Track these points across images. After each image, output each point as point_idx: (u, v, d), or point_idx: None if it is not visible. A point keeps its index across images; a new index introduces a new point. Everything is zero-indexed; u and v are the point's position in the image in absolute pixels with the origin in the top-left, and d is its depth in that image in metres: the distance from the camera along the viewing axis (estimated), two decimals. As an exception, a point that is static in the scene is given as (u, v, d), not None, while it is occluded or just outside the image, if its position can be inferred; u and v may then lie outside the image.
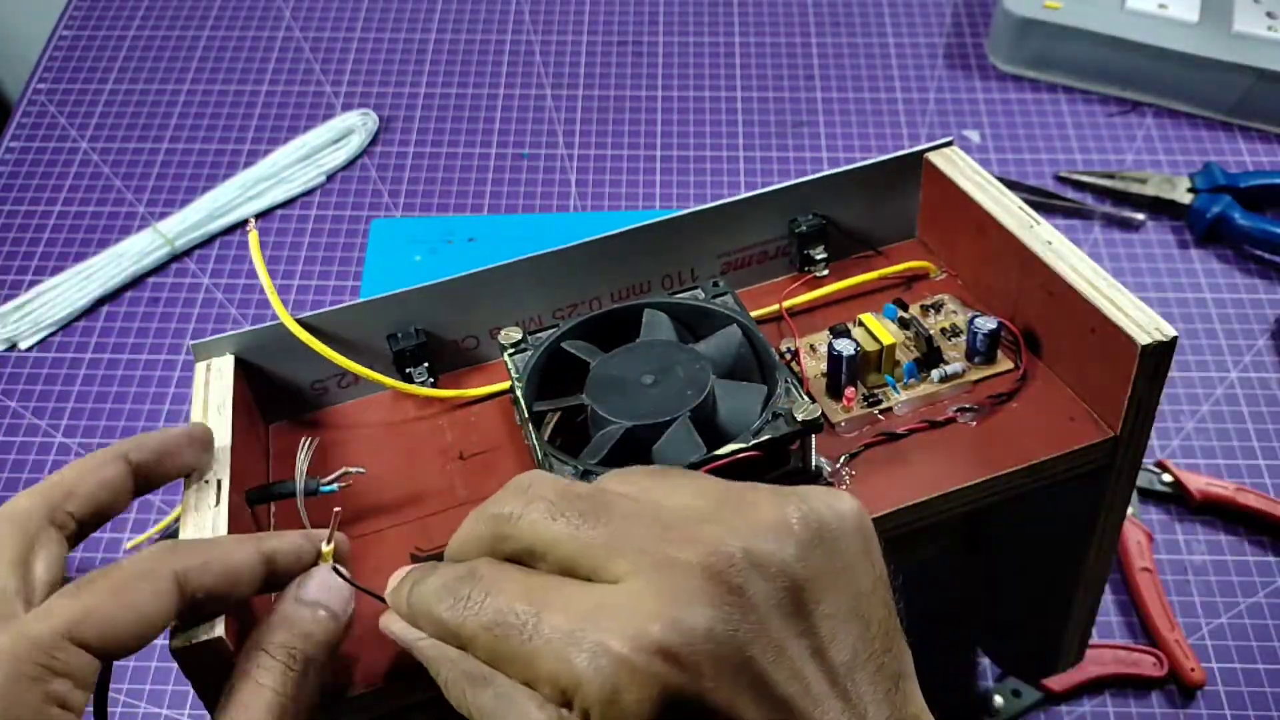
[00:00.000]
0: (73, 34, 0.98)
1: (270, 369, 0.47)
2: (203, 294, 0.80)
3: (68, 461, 0.71)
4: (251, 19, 0.99)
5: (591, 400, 0.42)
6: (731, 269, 0.51)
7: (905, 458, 0.44)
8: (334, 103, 0.92)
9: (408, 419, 0.48)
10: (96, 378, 0.75)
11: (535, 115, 0.91)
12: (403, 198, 0.85)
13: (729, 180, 0.86)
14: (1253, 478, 0.69)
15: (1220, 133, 0.88)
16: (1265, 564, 0.66)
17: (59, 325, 0.78)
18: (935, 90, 0.92)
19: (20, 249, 0.83)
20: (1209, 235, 0.81)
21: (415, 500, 0.45)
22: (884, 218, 0.52)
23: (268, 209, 0.84)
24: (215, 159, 0.88)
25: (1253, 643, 0.63)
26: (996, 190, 0.48)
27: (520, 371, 0.45)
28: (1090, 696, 0.61)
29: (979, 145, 0.88)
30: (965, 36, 0.96)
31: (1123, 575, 0.65)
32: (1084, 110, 0.90)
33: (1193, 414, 0.72)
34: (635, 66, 0.95)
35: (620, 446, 0.41)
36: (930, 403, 0.46)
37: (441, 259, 0.80)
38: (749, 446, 0.40)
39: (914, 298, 0.50)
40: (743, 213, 0.49)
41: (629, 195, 0.85)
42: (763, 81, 0.93)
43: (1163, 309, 0.77)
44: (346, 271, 0.80)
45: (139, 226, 0.83)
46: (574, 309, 0.50)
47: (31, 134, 0.90)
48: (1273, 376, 0.74)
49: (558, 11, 1.00)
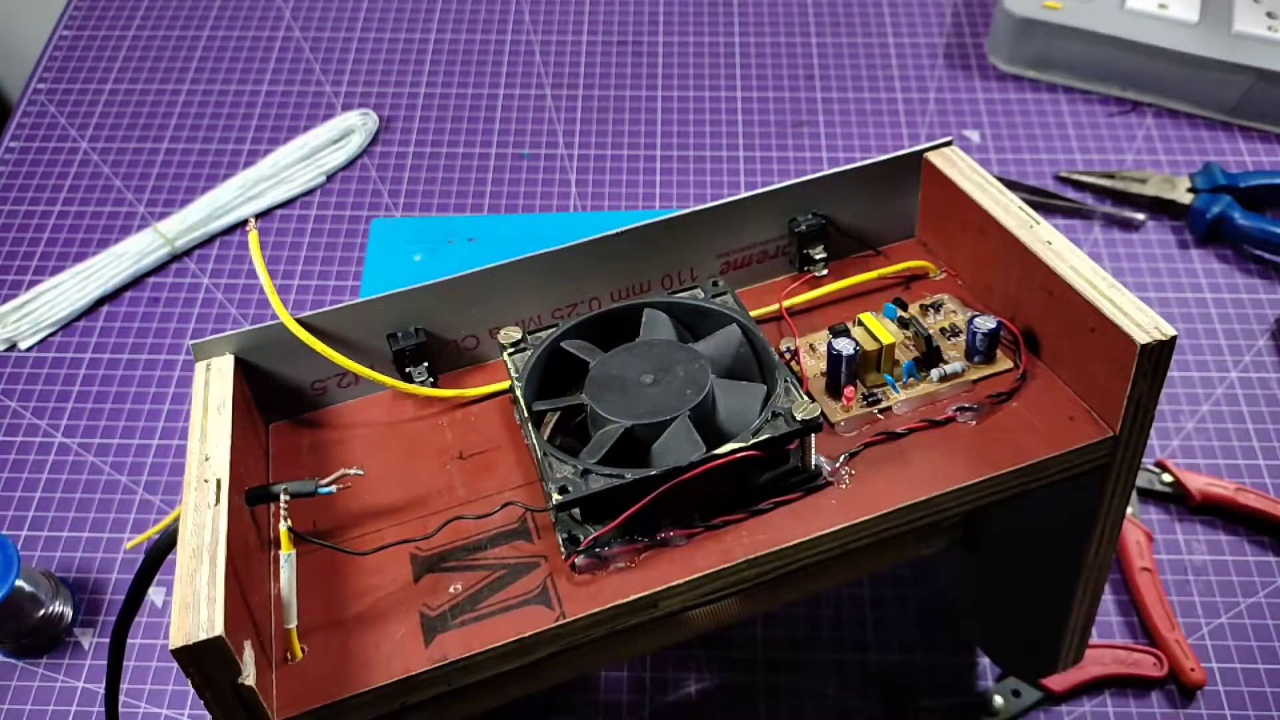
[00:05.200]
0: (73, 34, 0.98)
1: (270, 369, 0.47)
2: (203, 294, 0.80)
3: (67, 462, 0.72)
4: (251, 19, 0.99)
5: (591, 399, 0.42)
6: (731, 269, 0.51)
7: (905, 457, 0.44)
8: (334, 103, 0.92)
9: (407, 419, 0.48)
10: (96, 378, 0.75)
11: (535, 115, 0.91)
12: (403, 198, 0.85)
13: (729, 180, 0.86)
14: (1253, 478, 0.69)
15: (1220, 133, 0.88)
16: (1265, 564, 0.66)
17: (59, 325, 0.78)
18: (935, 90, 0.92)
19: (20, 249, 0.83)
20: (1209, 235, 0.81)
21: (415, 500, 0.45)
22: (883, 217, 0.52)
23: (268, 209, 0.84)
24: (215, 159, 0.88)
25: (1253, 643, 0.63)
26: (996, 190, 0.48)
27: (520, 371, 0.45)
28: (1090, 696, 0.61)
29: (979, 145, 0.88)
30: (965, 36, 0.96)
31: (1123, 575, 0.65)
32: (1084, 110, 0.90)
33: (1193, 414, 0.72)
34: (635, 66, 0.95)
35: (620, 445, 0.41)
36: (930, 402, 0.46)
37: (441, 259, 0.80)
38: (748, 446, 0.40)
39: (913, 297, 0.50)
40: (743, 213, 0.50)
41: (629, 195, 0.85)
42: (763, 81, 0.93)
43: (1163, 309, 0.77)
44: (346, 271, 0.80)
45: (139, 226, 0.83)
46: (574, 309, 0.50)
47: (31, 134, 0.90)
48: (1273, 376, 0.74)
49: (558, 11, 1.00)
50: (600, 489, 0.40)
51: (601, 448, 0.41)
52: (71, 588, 0.65)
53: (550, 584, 0.41)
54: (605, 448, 0.41)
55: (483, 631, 0.39)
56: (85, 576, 0.66)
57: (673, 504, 0.40)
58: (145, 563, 0.42)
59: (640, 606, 0.40)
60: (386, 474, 0.46)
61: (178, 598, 0.35)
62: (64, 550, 0.67)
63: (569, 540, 0.41)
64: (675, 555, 0.41)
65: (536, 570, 0.41)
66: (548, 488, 0.40)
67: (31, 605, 0.62)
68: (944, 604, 0.64)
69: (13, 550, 0.60)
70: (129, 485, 0.70)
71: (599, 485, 0.40)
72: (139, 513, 0.69)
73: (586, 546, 0.41)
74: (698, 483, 0.40)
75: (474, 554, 0.42)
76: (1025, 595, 0.54)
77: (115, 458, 0.71)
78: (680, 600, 0.41)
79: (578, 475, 0.40)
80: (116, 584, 0.66)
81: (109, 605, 0.65)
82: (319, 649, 0.40)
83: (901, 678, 0.62)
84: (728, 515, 0.42)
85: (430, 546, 0.43)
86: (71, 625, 0.64)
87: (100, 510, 0.69)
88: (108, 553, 0.67)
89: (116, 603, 0.63)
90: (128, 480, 0.70)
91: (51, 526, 0.68)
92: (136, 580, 0.42)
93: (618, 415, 0.41)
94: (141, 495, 0.69)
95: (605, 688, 0.62)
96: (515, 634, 0.39)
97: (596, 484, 0.40)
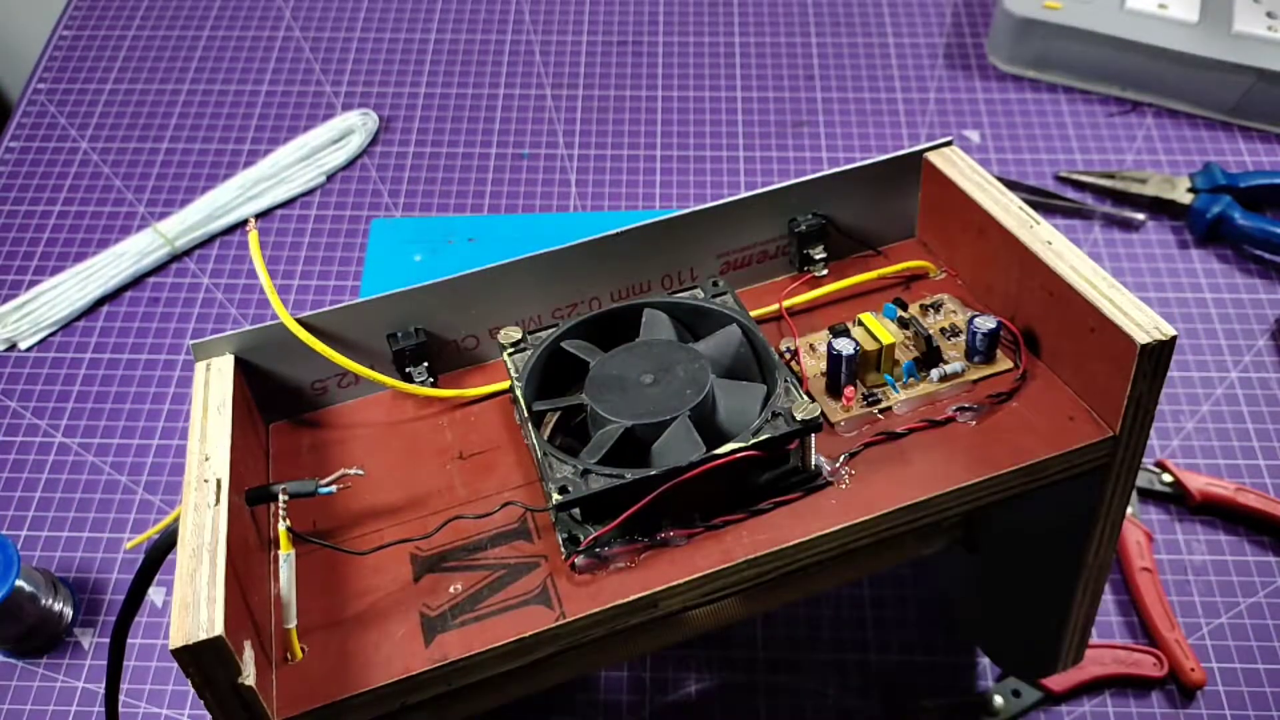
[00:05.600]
0: (73, 34, 0.98)
1: (270, 369, 0.47)
2: (203, 294, 0.80)
3: (67, 462, 0.72)
4: (251, 19, 0.99)
5: (591, 399, 0.42)
6: (731, 269, 0.51)
7: (905, 457, 0.44)
8: (334, 103, 0.92)
9: (407, 419, 0.48)
10: (96, 378, 0.75)
11: (535, 115, 0.91)
12: (403, 198, 0.85)
13: (729, 180, 0.86)
14: (1253, 478, 0.69)
15: (1220, 133, 0.88)
16: (1265, 564, 0.66)
17: (59, 325, 0.78)
18: (935, 90, 0.92)
19: (20, 249, 0.83)
20: (1209, 235, 0.81)
21: (415, 500, 0.45)
22: (883, 217, 0.52)
23: (268, 209, 0.84)
24: (215, 159, 0.88)
25: (1253, 643, 0.63)
26: (996, 190, 0.48)
27: (520, 371, 0.45)
28: (1090, 696, 0.61)
29: (979, 145, 0.88)
30: (965, 36, 0.96)
31: (1123, 575, 0.65)
32: (1084, 110, 0.90)
33: (1193, 414, 0.72)
34: (635, 66, 0.95)
35: (620, 445, 0.41)
36: (930, 402, 0.46)
37: (441, 259, 0.80)
38: (748, 446, 0.40)
39: (913, 297, 0.50)
40: (743, 213, 0.50)
41: (629, 195, 0.85)
42: (763, 81, 0.93)
43: (1163, 309, 0.77)
44: (346, 271, 0.80)
45: (139, 226, 0.83)
46: (574, 309, 0.50)
47: (31, 134, 0.90)
48: (1273, 376, 0.74)
49: (558, 11, 1.00)
50: (600, 489, 0.40)
51: (601, 448, 0.41)
52: (71, 588, 0.65)
53: (550, 584, 0.41)
54: (605, 448, 0.41)
55: (483, 631, 0.39)
56: (85, 576, 0.66)
57: (673, 504, 0.41)
58: (145, 563, 0.42)
59: (640, 606, 0.40)
60: (386, 474, 0.46)
61: (178, 598, 0.35)
62: (64, 550, 0.67)
63: (569, 540, 0.41)
64: (675, 555, 0.41)
65: (536, 570, 0.41)
66: (548, 488, 0.40)
67: (31, 605, 0.62)
68: (944, 604, 0.64)
69: (13, 550, 0.60)
70: (129, 485, 0.70)
71: (599, 485, 0.40)
72: (139, 513, 0.69)
73: (586, 546, 0.41)
74: (698, 483, 0.40)
75: (474, 554, 0.42)
76: (1025, 595, 0.54)
77: (115, 458, 0.71)
78: (680, 600, 0.41)
79: (578, 475, 0.40)
80: (116, 584, 0.66)
81: (109, 605, 0.65)
82: (319, 649, 0.40)
83: (901, 678, 0.62)
84: (728, 515, 0.42)
85: (430, 546, 0.43)
86: (71, 625, 0.64)
87: (100, 510, 0.69)
88: (108, 553, 0.67)
89: (116, 603, 0.63)
90: (128, 480, 0.70)
91: (51, 526, 0.68)
92: (136, 580, 0.42)
93: (618, 415, 0.41)
94: (141, 495, 0.69)
95: (605, 688, 0.62)
96: (515, 634, 0.39)
97: (596, 484, 0.40)
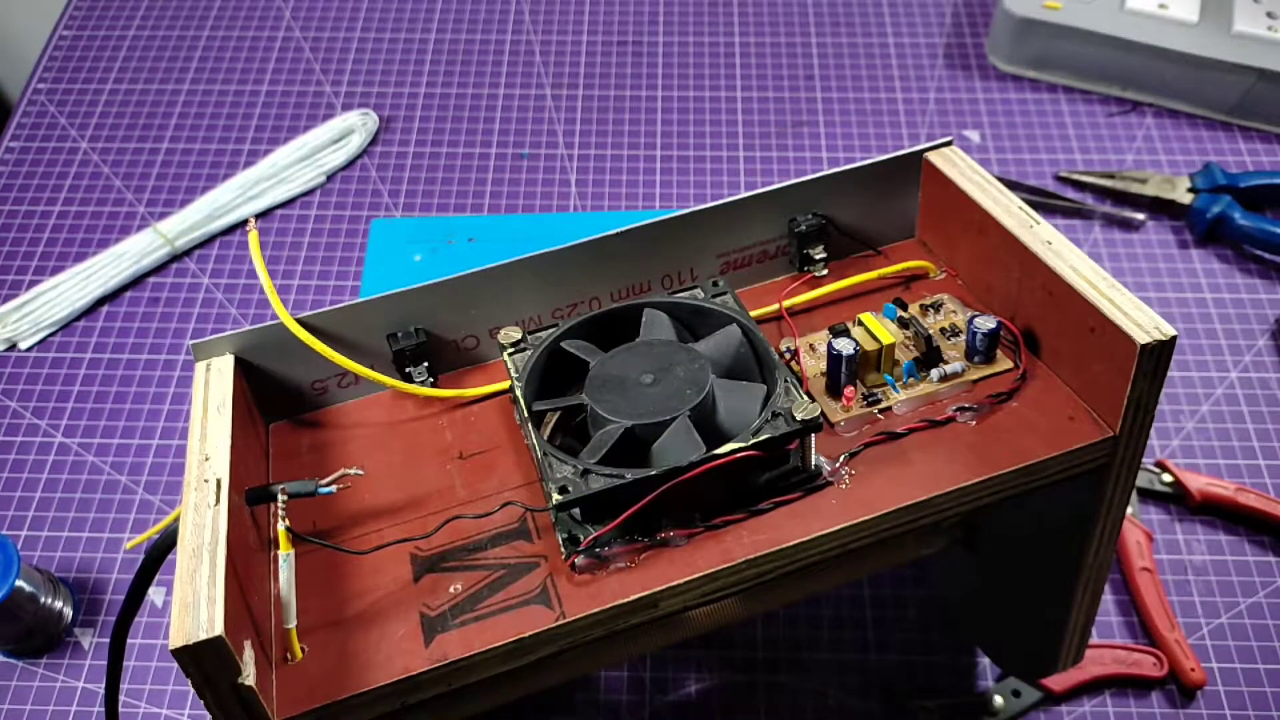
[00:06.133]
0: (73, 34, 0.98)
1: (270, 369, 0.47)
2: (203, 294, 0.80)
3: (67, 462, 0.72)
4: (251, 19, 0.99)
5: (591, 399, 0.42)
6: (731, 269, 0.51)
7: (905, 457, 0.44)
8: (334, 103, 0.92)
9: (407, 419, 0.48)
10: (96, 378, 0.75)
11: (535, 115, 0.91)
12: (403, 198, 0.85)
13: (729, 180, 0.86)
14: (1253, 478, 0.69)
15: (1220, 133, 0.88)
16: (1265, 564, 0.66)
17: (59, 325, 0.78)
18: (935, 90, 0.92)
19: (20, 249, 0.83)
20: (1209, 235, 0.81)
21: (415, 500, 0.45)
22: (883, 217, 0.52)
23: (268, 209, 0.84)
24: (215, 159, 0.88)
25: (1253, 643, 0.63)
26: (996, 190, 0.48)
27: (520, 371, 0.45)
28: (1090, 696, 0.61)
29: (979, 145, 0.88)
30: (965, 36, 0.96)
31: (1123, 575, 0.65)
32: (1084, 110, 0.90)
33: (1193, 414, 0.72)
34: (635, 66, 0.95)
35: (620, 445, 0.41)
36: (930, 402, 0.46)
37: (441, 259, 0.80)
38: (748, 445, 0.40)
39: (913, 297, 0.50)
40: (743, 213, 0.49)
41: (629, 195, 0.85)
42: (763, 81, 0.93)
43: (1163, 309, 0.77)
44: (346, 271, 0.80)
45: (139, 226, 0.83)
46: (574, 309, 0.50)
47: (31, 134, 0.90)
48: (1273, 376, 0.74)
49: (558, 11, 1.00)
50: (600, 489, 0.40)
51: (601, 448, 0.41)
52: (71, 588, 0.65)
53: (550, 584, 0.41)
54: (605, 448, 0.41)
55: (483, 631, 0.39)
56: (85, 576, 0.66)
57: (673, 504, 0.40)
58: (145, 563, 0.42)
59: (640, 606, 0.40)
60: (386, 474, 0.46)
61: (178, 598, 0.35)
62: (64, 550, 0.67)
63: (569, 540, 0.41)
64: (675, 555, 0.41)
65: (536, 570, 0.41)
66: (548, 488, 0.40)
67: (31, 605, 0.62)
68: (944, 604, 0.64)
69: (13, 550, 0.60)
70: (129, 485, 0.70)
71: (599, 485, 0.40)
72: (139, 513, 0.69)
73: (586, 546, 0.41)
74: (698, 483, 0.40)
75: (474, 554, 0.42)
76: (1025, 595, 0.54)
77: (115, 458, 0.71)
78: (680, 600, 0.41)
79: (578, 475, 0.40)
80: (116, 584, 0.66)
81: (109, 605, 0.65)
82: (319, 649, 0.40)
83: (901, 678, 0.62)
84: (728, 515, 0.42)
85: (430, 546, 0.43)
86: (71, 625, 0.64)
87: (100, 510, 0.69)
88: (108, 553, 0.67)
89: (116, 603, 0.63)
90: (128, 480, 0.70)
91: (51, 526, 0.68)
92: (136, 580, 0.42)
93: (618, 415, 0.41)
94: (141, 495, 0.69)
95: (605, 688, 0.62)
96: (515, 634, 0.39)
97: (596, 484, 0.40)
